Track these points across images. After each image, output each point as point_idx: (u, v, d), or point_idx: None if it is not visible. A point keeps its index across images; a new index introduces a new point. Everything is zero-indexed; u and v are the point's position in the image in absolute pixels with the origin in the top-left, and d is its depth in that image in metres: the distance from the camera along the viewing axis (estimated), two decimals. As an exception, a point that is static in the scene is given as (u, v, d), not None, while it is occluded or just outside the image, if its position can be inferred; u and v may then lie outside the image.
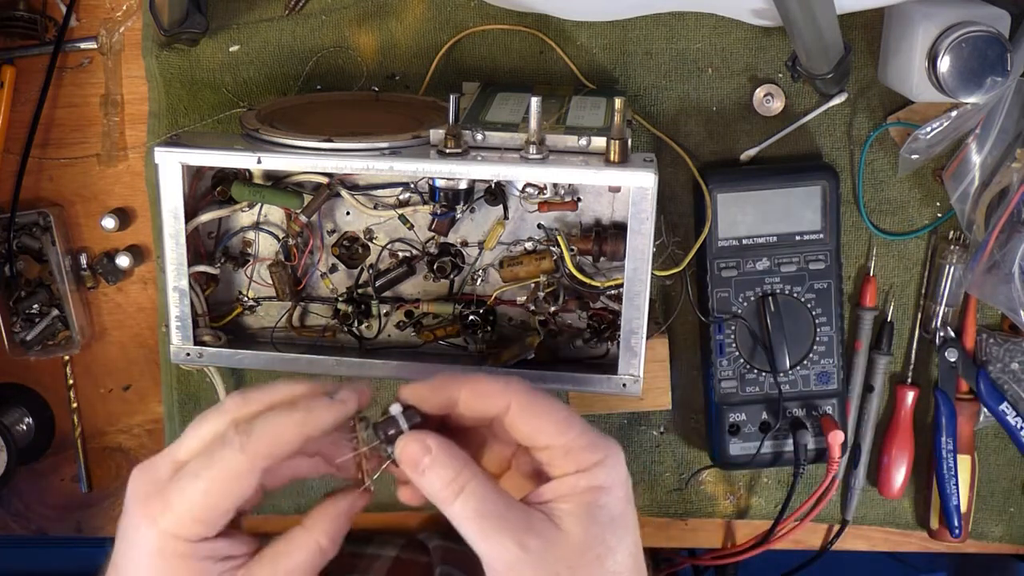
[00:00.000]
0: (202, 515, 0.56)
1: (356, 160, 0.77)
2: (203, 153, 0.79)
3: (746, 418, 0.91)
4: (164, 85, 0.92)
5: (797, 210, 0.89)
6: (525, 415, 0.58)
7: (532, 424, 0.57)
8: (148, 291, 0.97)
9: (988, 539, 0.97)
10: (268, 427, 0.57)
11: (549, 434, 0.57)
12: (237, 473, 0.56)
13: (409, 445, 0.57)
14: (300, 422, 0.57)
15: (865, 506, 0.97)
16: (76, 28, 0.93)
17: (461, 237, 0.85)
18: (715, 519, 0.98)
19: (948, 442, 0.93)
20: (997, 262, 0.85)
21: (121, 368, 0.98)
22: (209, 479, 0.55)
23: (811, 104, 0.91)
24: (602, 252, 0.83)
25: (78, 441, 0.99)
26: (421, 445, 0.57)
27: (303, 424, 0.57)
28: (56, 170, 0.95)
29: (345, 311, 0.85)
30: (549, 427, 0.57)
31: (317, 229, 0.85)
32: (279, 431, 0.57)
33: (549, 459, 0.58)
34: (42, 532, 1.02)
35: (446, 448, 0.57)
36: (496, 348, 0.86)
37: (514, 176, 0.79)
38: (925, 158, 0.87)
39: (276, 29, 0.91)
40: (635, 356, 0.80)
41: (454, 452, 0.57)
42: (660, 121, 0.91)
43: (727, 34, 0.90)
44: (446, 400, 0.59)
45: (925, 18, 0.81)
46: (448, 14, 0.91)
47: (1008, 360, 0.92)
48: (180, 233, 0.80)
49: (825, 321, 0.90)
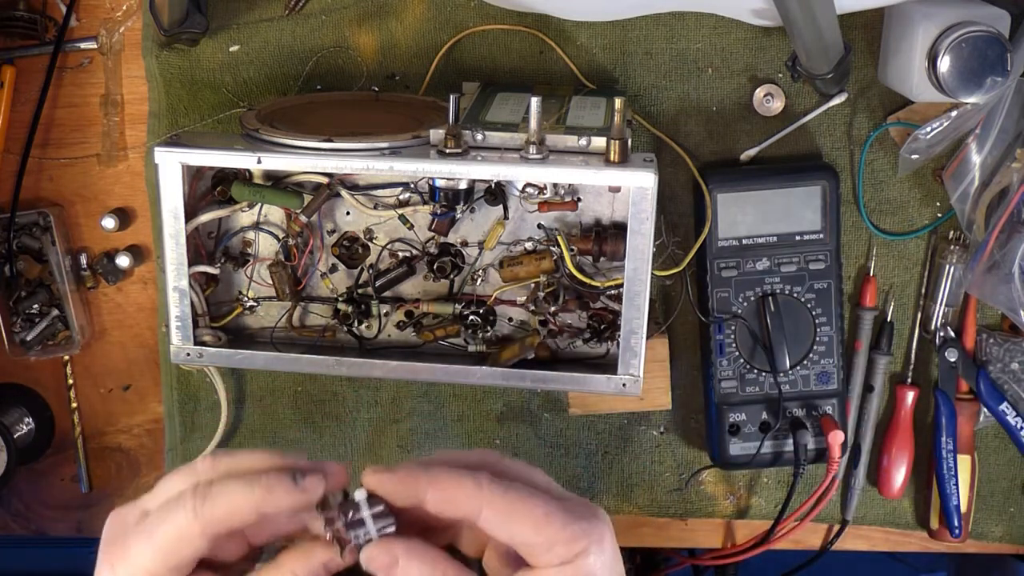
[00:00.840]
0: (153, 568, 0.56)
1: (356, 160, 0.77)
2: (203, 153, 0.79)
3: (746, 418, 0.91)
4: (164, 85, 0.92)
5: (797, 210, 0.89)
6: (499, 520, 0.55)
7: (508, 529, 0.55)
8: (148, 291, 0.97)
9: (988, 539, 0.97)
10: (222, 498, 0.56)
11: (527, 535, 0.55)
12: (188, 535, 0.55)
13: (375, 555, 0.55)
14: (257, 500, 0.56)
15: (865, 506, 0.97)
16: (76, 28, 0.93)
17: (461, 237, 0.85)
18: (715, 519, 0.98)
19: (948, 442, 0.93)
20: (997, 262, 0.85)
21: (121, 368, 0.98)
22: (160, 536, 0.56)
23: (811, 104, 0.91)
24: (602, 252, 0.83)
25: (78, 441, 0.99)
26: (388, 554, 0.55)
27: (260, 503, 0.56)
28: (56, 170, 0.95)
29: (345, 311, 0.85)
30: (527, 529, 0.55)
31: (317, 229, 0.85)
32: (234, 504, 0.56)
33: (529, 553, 0.55)
34: (42, 532, 1.02)
35: (415, 553, 0.55)
36: (496, 348, 0.86)
37: (514, 176, 0.79)
38: (925, 158, 0.87)
39: (276, 29, 0.91)
40: (635, 356, 0.80)
41: (424, 555, 0.55)
42: (660, 121, 0.91)
43: (727, 34, 0.90)
44: (412, 497, 0.56)
45: (925, 18, 0.81)
46: (448, 14, 0.91)
47: (1008, 360, 0.92)
48: (180, 233, 0.80)
49: (825, 321, 0.90)
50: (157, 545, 0.56)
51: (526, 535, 0.55)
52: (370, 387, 0.97)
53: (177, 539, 0.56)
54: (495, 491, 0.54)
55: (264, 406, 0.97)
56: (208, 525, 0.56)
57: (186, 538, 0.56)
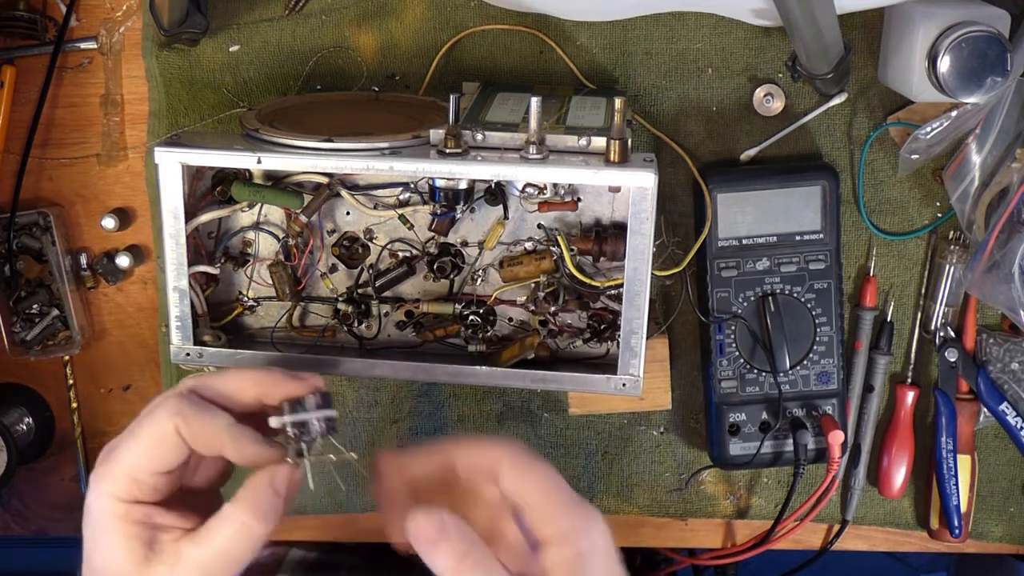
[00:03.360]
0: (135, 470, 0.57)
1: (356, 160, 0.77)
2: (203, 153, 0.79)
3: (746, 418, 0.91)
4: (164, 85, 0.92)
5: (797, 210, 0.89)
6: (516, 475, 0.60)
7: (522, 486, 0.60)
8: (148, 291, 0.97)
9: (988, 539, 0.97)
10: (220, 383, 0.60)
11: (537, 497, 0.60)
12: (169, 434, 0.58)
13: (423, 521, 0.58)
14: (254, 378, 0.60)
15: (865, 506, 0.97)
16: (76, 28, 0.93)
17: (461, 237, 0.85)
18: (715, 519, 0.98)
19: (948, 442, 0.93)
20: (997, 262, 0.85)
21: (121, 368, 0.99)
22: (144, 435, 0.58)
23: (811, 104, 0.91)
24: (602, 252, 0.83)
25: (78, 441, 0.99)
26: (437, 521, 0.58)
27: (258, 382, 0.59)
28: (56, 170, 0.95)
29: (345, 311, 0.85)
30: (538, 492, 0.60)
31: (317, 229, 0.85)
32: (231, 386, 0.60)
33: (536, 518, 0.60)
34: (42, 532, 1.03)
35: (459, 526, 0.58)
36: (496, 348, 0.86)
37: (514, 176, 0.79)
38: (925, 158, 0.87)
39: (276, 29, 0.91)
40: (635, 356, 0.80)
41: (465, 531, 0.58)
42: (660, 121, 0.91)
43: (727, 34, 0.90)
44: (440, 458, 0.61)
45: (925, 18, 0.81)
46: (448, 14, 0.91)
47: (1008, 360, 0.92)
48: (180, 233, 0.80)
49: (825, 321, 0.90)
50: (138, 446, 0.57)
51: (536, 497, 0.59)
52: (370, 387, 0.97)
53: (157, 436, 0.57)
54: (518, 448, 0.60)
55: (264, 406, 0.97)
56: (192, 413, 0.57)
57: (165, 435, 0.57)
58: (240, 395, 0.60)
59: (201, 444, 0.58)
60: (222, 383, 0.61)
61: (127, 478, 0.58)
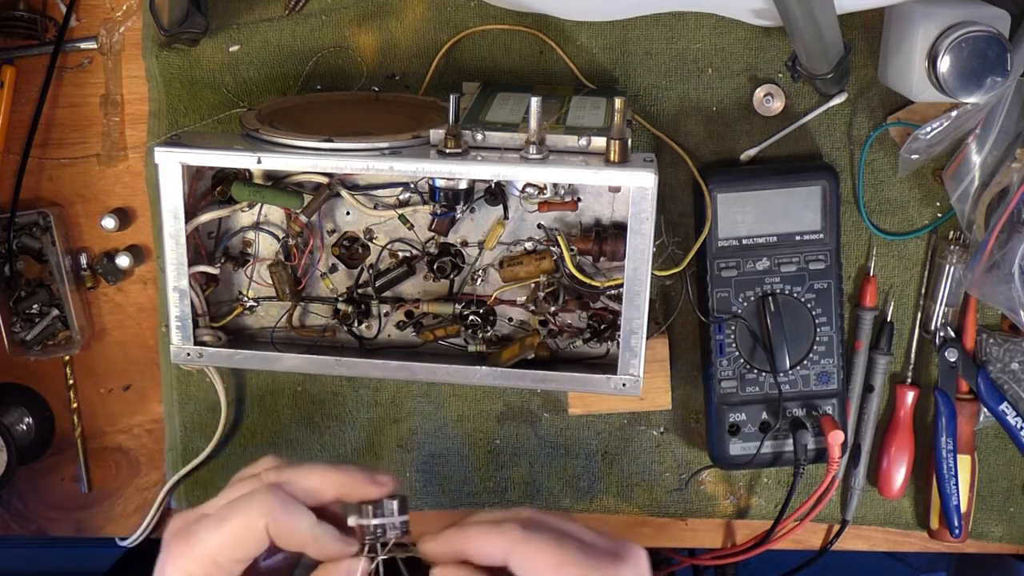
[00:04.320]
0: (218, 557, 0.58)
1: (356, 160, 0.77)
2: (203, 153, 0.79)
3: (746, 418, 0.91)
4: (164, 85, 0.92)
5: (797, 210, 0.89)
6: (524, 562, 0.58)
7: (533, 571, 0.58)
8: (148, 291, 0.97)
9: (988, 539, 0.97)
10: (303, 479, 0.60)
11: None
12: (256, 527, 0.58)
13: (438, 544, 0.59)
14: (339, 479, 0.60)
15: (865, 506, 0.97)
16: (76, 28, 0.93)
17: (461, 237, 0.85)
18: (715, 519, 0.98)
19: (948, 442, 0.93)
20: (997, 262, 0.85)
21: (121, 368, 0.98)
22: (229, 525, 0.58)
23: (811, 104, 0.91)
24: (602, 252, 0.83)
25: (78, 441, 0.99)
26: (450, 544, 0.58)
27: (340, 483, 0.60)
28: (56, 170, 0.95)
29: (345, 311, 0.85)
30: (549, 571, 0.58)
31: (317, 229, 0.86)
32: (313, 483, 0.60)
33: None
34: (42, 532, 1.03)
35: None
36: (496, 348, 0.86)
37: (514, 176, 0.79)
38: (925, 158, 0.87)
39: (276, 29, 0.91)
40: (635, 356, 0.80)
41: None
42: (660, 121, 0.91)
43: (727, 34, 0.90)
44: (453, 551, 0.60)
45: (925, 18, 0.81)
46: (448, 14, 0.91)
47: (1008, 360, 0.92)
48: (180, 233, 0.80)
49: (825, 321, 0.90)
50: (225, 534, 0.58)
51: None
52: (370, 387, 0.97)
53: (245, 528, 0.58)
54: (521, 537, 0.58)
55: (264, 406, 0.97)
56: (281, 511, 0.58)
57: (254, 529, 0.57)
58: (322, 495, 0.61)
59: (285, 540, 0.59)
60: (306, 480, 0.61)
61: (209, 561, 0.58)
